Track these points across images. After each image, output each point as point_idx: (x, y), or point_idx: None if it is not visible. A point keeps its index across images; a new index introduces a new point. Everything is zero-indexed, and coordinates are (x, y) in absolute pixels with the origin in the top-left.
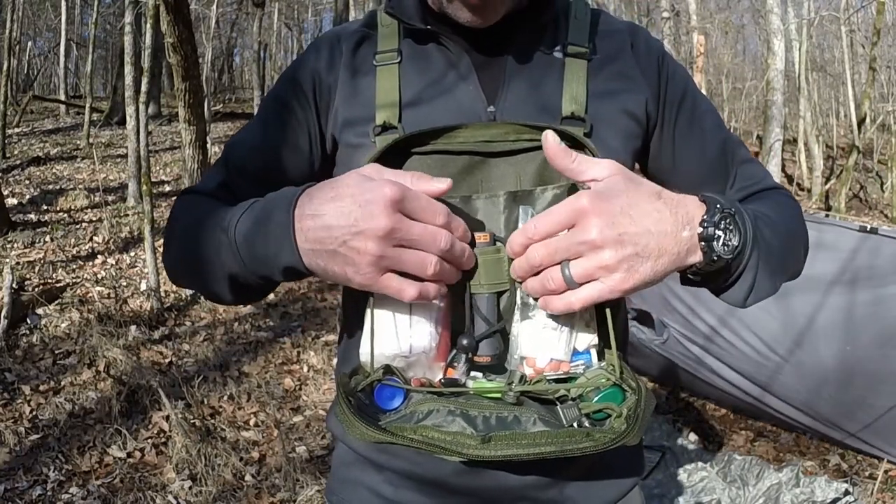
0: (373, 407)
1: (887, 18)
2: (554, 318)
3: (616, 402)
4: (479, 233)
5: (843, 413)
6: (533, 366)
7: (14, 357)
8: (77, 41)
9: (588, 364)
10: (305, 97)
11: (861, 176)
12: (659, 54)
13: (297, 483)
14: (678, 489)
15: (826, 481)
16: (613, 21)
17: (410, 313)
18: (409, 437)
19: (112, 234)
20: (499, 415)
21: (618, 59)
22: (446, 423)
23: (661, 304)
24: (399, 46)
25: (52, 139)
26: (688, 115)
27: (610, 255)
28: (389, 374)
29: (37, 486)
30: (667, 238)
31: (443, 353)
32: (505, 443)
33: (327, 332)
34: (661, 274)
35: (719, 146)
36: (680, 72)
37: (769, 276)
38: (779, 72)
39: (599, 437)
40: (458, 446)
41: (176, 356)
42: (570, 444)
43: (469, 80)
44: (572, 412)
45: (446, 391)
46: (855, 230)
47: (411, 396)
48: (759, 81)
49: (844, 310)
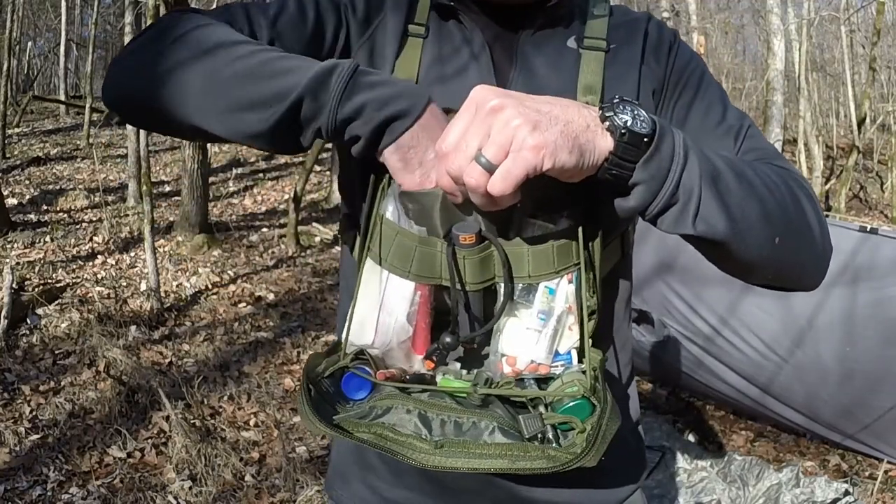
0: (337, 395)
1: (887, 18)
2: (539, 320)
3: (581, 416)
4: (463, 234)
5: (842, 414)
6: (513, 365)
7: (14, 357)
8: (77, 41)
9: (568, 365)
10: (345, 9)
11: (861, 176)
12: (671, 40)
13: (297, 483)
14: (678, 489)
15: (826, 481)
16: (629, 11)
17: (380, 308)
18: (359, 435)
19: (112, 235)
20: (457, 419)
21: (629, 48)
22: (401, 424)
23: (661, 304)
24: (428, 22)
25: (52, 139)
26: (692, 92)
27: (512, 115)
28: (362, 362)
29: (37, 486)
30: (570, 108)
31: (421, 346)
32: (456, 451)
33: (327, 332)
34: (576, 147)
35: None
36: (692, 58)
37: (716, 199)
38: (779, 72)
39: (557, 455)
40: (409, 449)
41: (176, 356)
42: (522, 461)
43: (481, 61)
44: (535, 423)
45: (413, 387)
46: (855, 230)
47: (379, 389)
48: (759, 81)
49: (844, 310)
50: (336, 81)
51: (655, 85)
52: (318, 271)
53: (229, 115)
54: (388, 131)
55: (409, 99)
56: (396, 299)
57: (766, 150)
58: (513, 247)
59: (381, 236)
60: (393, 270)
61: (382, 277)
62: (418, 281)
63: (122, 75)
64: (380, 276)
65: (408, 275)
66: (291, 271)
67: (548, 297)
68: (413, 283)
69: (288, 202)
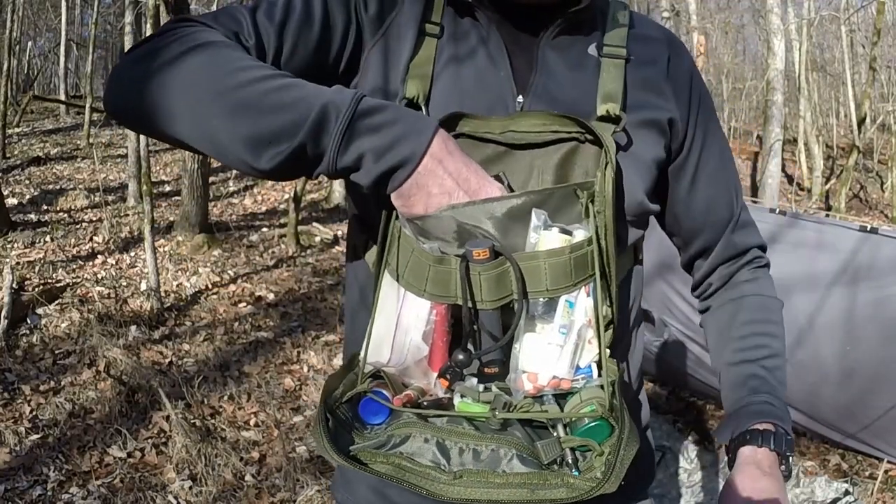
0: (355, 420)
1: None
2: (560, 334)
3: (599, 438)
4: (477, 249)
5: (842, 413)
6: (534, 381)
7: (14, 357)
8: (77, 41)
9: (589, 378)
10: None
11: (861, 176)
12: (690, 73)
13: (297, 483)
14: (678, 489)
15: (826, 481)
16: (651, 26)
17: (396, 327)
18: (376, 469)
19: (112, 234)
20: (475, 447)
21: (653, 69)
22: (419, 453)
23: (663, 303)
24: (442, 20)
25: (53, 139)
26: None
27: None
28: (379, 384)
29: (37, 486)
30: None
31: (438, 363)
32: (475, 482)
33: (327, 332)
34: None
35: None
36: (706, 101)
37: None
38: (779, 72)
39: (577, 484)
40: (427, 480)
41: (176, 356)
42: (542, 490)
43: (500, 65)
44: (553, 448)
45: (430, 413)
46: (855, 230)
47: (397, 413)
48: (759, 81)
49: (845, 310)
50: (336, 126)
51: (678, 117)
52: (318, 271)
53: (229, 147)
54: (389, 181)
55: (411, 144)
56: (412, 318)
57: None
58: (529, 261)
59: (398, 251)
60: (409, 288)
61: (399, 294)
62: (433, 300)
63: (120, 89)
64: (397, 292)
65: (423, 293)
66: (291, 271)
67: (568, 310)
68: (428, 302)
69: (288, 202)
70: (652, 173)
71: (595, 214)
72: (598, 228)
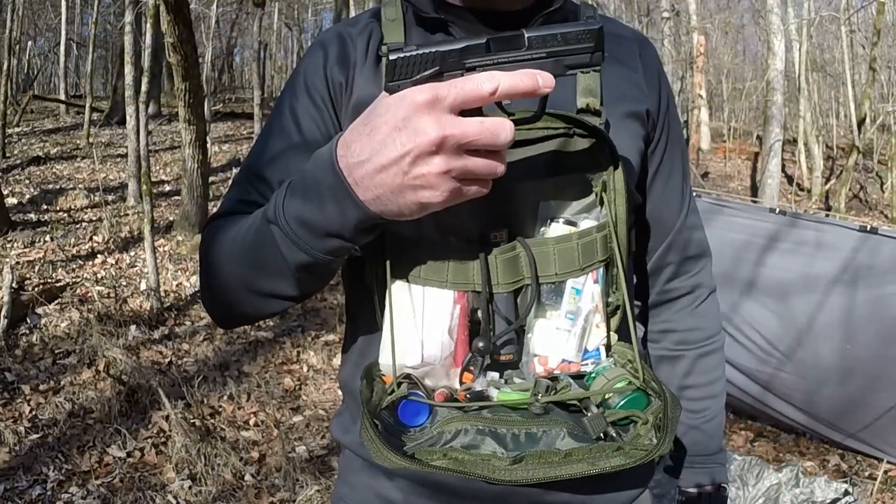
0: (397, 425)
1: (887, 18)
2: (567, 320)
3: (640, 408)
4: (494, 232)
5: (842, 413)
6: (545, 364)
7: (14, 357)
8: (77, 41)
9: (597, 361)
10: (321, 97)
11: (861, 176)
12: (658, 70)
13: (296, 483)
14: (678, 489)
15: (826, 481)
16: (621, 27)
17: (422, 325)
18: (438, 464)
19: (112, 234)
20: (528, 431)
21: (627, 65)
22: (477, 444)
23: None
24: (406, 39)
25: (52, 139)
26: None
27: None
28: (412, 387)
29: (37, 485)
30: None
31: (459, 358)
32: (535, 463)
33: (327, 332)
34: None
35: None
36: (673, 103)
37: None
38: (779, 72)
39: (631, 451)
40: (488, 469)
41: (176, 356)
42: (602, 461)
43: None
44: (599, 422)
45: (471, 406)
46: (855, 230)
47: (436, 412)
48: (759, 81)
49: (845, 309)
50: (282, 238)
51: (651, 109)
52: None
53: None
54: (356, 223)
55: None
56: (437, 315)
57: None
58: (539, 247)
59: (407, 258)
60: (430, 284)
61: (414, 297)
62: (455, 289)
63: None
64: (410, 296)
65: (445, 284)
66: None
67: (574, 297)
68: (451, 295)
69: None
70: (636, 164)
71: (609, 203)
72: (611, 216)
